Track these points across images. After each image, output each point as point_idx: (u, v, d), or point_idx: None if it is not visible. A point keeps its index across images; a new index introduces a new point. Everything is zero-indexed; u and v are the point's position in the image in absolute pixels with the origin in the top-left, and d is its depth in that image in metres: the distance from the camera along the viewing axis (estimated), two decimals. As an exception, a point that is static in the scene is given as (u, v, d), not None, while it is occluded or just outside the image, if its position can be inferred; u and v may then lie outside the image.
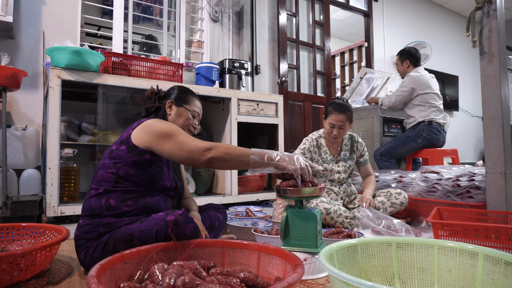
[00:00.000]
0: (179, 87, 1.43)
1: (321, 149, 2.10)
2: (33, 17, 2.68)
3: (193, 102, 1.40)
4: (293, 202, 1.27)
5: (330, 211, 1.85)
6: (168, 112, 1.38)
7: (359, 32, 6.32)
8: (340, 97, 2.09)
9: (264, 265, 0.91)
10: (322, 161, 2.09)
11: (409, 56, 3.08)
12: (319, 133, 2.15)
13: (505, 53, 1.67)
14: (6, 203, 2.02)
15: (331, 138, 2.03)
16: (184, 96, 1.40)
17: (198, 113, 1.42)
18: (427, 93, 2.95)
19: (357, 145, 2.17)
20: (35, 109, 2.65)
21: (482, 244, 1.29)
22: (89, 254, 1.11)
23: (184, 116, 1.37)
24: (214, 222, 1.47)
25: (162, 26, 3.39)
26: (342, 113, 1.94)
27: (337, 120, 1.95)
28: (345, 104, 1.98)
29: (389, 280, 0.94)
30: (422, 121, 2.95)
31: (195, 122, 1.41)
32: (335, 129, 1.97)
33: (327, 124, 2.00)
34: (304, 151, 2.07)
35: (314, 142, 2.10)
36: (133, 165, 1.18)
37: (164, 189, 1.27)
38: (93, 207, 1.15)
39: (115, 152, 1.20)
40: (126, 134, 1.23)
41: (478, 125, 6.42)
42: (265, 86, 3.86)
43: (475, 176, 1.92)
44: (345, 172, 2.12)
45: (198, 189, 2.88)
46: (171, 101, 1.37)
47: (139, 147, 1.18)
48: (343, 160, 2.12)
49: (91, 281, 0.65)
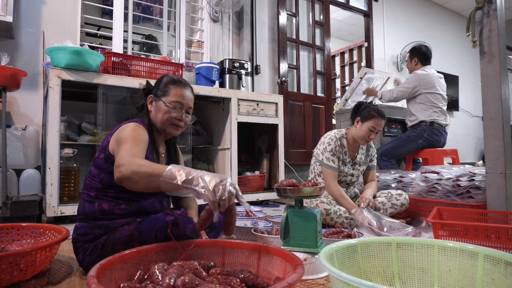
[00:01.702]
0: (162, 79, 1.29)
1: (342, 150, 2.08)
2: (33, 17, 2.68)
3: (171, 92, 1.24)
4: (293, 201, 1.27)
5: (330, 212, 1.85)
6: (150, 108, 1.27)
7: (359, 32, 6.33)
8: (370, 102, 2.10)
9: (264, 265, 0.91)
10: (343, 162, 2.07)
11: (419, 53, 3.07)
12: (341, 133, 2.10)
13: (505, 53, 1.67)
14: (6, 203, 2.01)
15: (363, 141, 2.00)
16: (162, 88, 1.26)
17: (181, 102, 1.24)
18: (431, 93, 2.93)
19: (371, 150, 2.18)
20: (35, 109, 2.65)
21: (482, 244, 1.29)
22: (87, 256, 1.11)
23: (161, 111, 1.23)
24: (214, 222, 1.46)
25: (162, 26, 3.39)
26: (384, 119, 1.97)
27: (379, 124, 1.95)
28: (383, 110, 2.00)
29: (389, 280, 0.94)
30: (424, 121, 2.93)
31: (178, 114, 1.24)
32: (373, 133, 1.97)
33: (366, 127, 1.97)
34: (334, 152, 2.01)
35: (338, 142, 2.06)
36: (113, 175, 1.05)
37: (155, 194, 1.23)
38: (87, 212, 1.14)
39: (97, 161, 1.16)
40: (106, 141, 1.17)
41: (478, 125, 6.42)
42: (265, 86, 3.86)
43: (475, 176, 1.92)
44: (358, 176, 2.12)
45: (198, 189, 2.88)
46: (151, 96, 1.27)
47: (113, 156, 1.11)
48: (359, 164, 2.11)
49: (91, 281, 0.64)
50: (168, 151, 1.38)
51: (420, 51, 3.07)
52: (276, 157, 3.12)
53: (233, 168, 2.80)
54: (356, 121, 2.02)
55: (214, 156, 3.06)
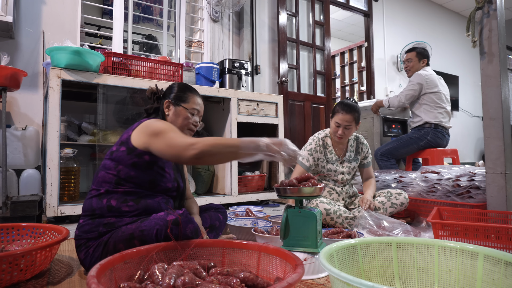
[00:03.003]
0: (177, 85, 1.39)
1: (326, 149, 2.08)
2: (33, 17, 2.68)
3: (191, 100, 1.36)
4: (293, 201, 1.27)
5: (330, 212, 1.85)
6: (167, 112, 1.35)
7: (359, 32, 6.33)
8: (350, 98, 2.09)
9: (264, 265, 0.91)
10: (327, 161, 2.07)
11: (427, 56, 3.10)
12: (325, 133, 2.12)
13: (505, 53, 1.67)
14: (6, 203, 2.02)
15: (336, 137, 2.01)
16: (181, 95, 1.36)
17: (198, 110, 1.37)
18: (435, 93, 2.92)
19: (362, 147, 2.16)
20: (35, 109, 2.65)
21: (482, 244, 1.29)
22: (89, 254, 1.11)
23: (182, 116, 1.34)
24: (214, 222, 1.47)
25: (162, 26, 3.39)
26: (349, 113, 1.93)
27: (343, 120, 1.94)
28: (353, 105, 1.97)
29: (389, 280, 0.94)
30: (428, 122, 2.91)
31: (195, 119, 1.36)
32: (341, 128, 1.96)
33: (333, 123, 1.99)
34: (311, 152, 2.04)
35: (320, 141, 2.07)
36: (134, 167, 1.17)
37: (166, 191, 1.27)
38: (94, 207, 1.15)
39: (115, 154, 1.20)
40: (126, 135, 1.22)
41: (478, 125, 6.42)
42: (265, 86, 3.86)
43: (475, 176, 1.92)
44: (349, 173, 2.11)
45: (198, 189, 2.88)
46: (168, 101, 1.34)
47: (138, 148, 1.17)
48: (348, 161, 2.11)
49: (91, 281, 0.65)
50: None
51: (428, 54, 3.11)
52: (276, 157, 3.11)
53: (233, 168, 2.80)
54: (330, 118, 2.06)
55: (214, 156, 3.05)
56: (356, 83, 5.74)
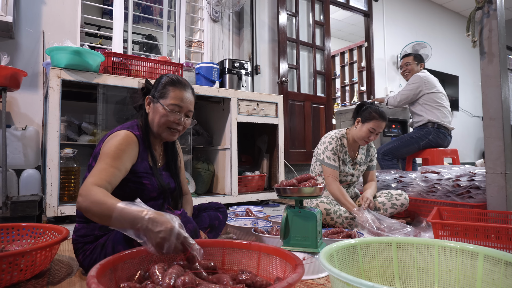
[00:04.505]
0: (159, 78, 1.24)
1: (342, 149, 2.08)
2: (33, 17, 2.67)
3: (170, 95, 1.19)
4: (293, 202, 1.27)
5: (330, 212, 1.85)
6: (147, 110, 1.23)
7: (359, 32, 6.33)
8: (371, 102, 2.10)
9: (264, 265, 0.91)
10: (343, 162, 2.06)
11: (423, 60, 3.18)
12: (342, 133, 2.09)
13: (505, 53, 1.67)
14: (6, 203, 2.01)
15: (363, 142, 1.99)
16: (161, 90, 1.20)
17: (180, 105, 1.19)
18: (433, 93, 2.94)
19: (371, 150, 2.17)
20: (35, 109, 2.65)
21: (482, 244, 1.29)
22: (87, 256, 1.11)
23: (159, 113, 1.19)
24: (214, 222, 1.46)
25: (162, 26, 3.39)
26: (385, 121, 1.96)
27: (379, 126, 1.95)
28: (384, 112, 1.99)
29: (389, 280, 0.94)
30: (431, 121, 2.91)
31: (176, 117, 1.20)
32: (373, 134, 1.96)
33: (366, 128, 1.95)
34: (335, 151, 2.00)
35: (339, 141, 2.05)
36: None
37: (152, 199, 1.21)
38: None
39: (91, 168, 1.12)
40: (98, 148, 1.13)
41: (478, 125, 6.41)
42: (265, 86, 3.86)
43: (475, 176, 1.92)
44: (358, 176, 2.12)
45: (198, 189, 2.88)
46: (148, 97, 1.23)
47: None
48: (359, 164, 2.11)
49: (91, 281, 0.64)
50: (166, 152, 1.35)
51: (423, 57, 3.20)
52: (276, 157, 3.12)
53: (233, 168, 2.80)
54: (357, 121, 2.01)
55: (214, 156, 3.06)
56: (356, 83, 5.74)
